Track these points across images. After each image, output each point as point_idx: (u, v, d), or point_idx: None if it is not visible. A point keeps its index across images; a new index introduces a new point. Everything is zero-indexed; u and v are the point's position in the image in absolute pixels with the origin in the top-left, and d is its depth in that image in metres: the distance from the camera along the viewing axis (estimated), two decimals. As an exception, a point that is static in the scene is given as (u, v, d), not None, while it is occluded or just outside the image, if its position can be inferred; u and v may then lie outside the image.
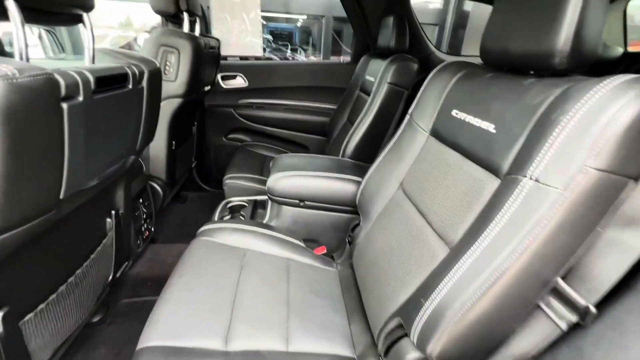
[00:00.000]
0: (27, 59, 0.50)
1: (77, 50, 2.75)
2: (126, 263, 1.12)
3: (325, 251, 1.13)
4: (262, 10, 2.05)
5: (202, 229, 1.03)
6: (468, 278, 0.48)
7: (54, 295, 0.71)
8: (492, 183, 0.56)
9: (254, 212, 1.35)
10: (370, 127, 1.35)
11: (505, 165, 0.54)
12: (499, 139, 0.56)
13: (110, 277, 1.01)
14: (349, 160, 1.36)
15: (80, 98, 0.53)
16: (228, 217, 1.28)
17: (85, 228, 0.80)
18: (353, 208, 1.14)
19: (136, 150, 0.82)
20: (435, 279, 0.55)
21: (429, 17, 6.22)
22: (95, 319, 1.12)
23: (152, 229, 1.38)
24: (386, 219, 0.87)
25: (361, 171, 1.20)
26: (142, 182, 1.24)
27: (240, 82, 1.97)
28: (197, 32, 1.50)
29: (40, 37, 1.99)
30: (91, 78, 0.55)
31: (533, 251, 0.43)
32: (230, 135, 2.08)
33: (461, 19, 5.94)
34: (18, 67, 0.41)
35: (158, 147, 1.33)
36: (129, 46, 4.38)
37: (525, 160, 0.48)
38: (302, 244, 1.06)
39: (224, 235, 1.00)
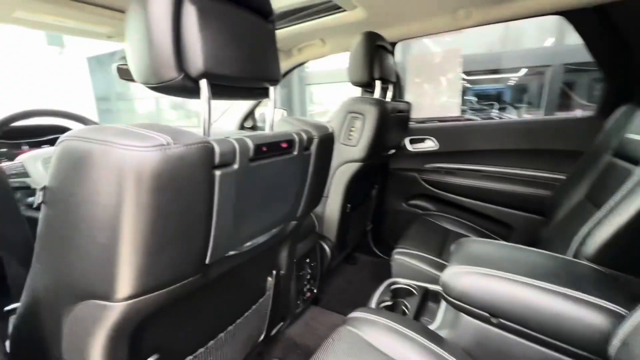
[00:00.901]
0: (208, 133, 0.54)
1: (303, 114, 3.51)
2: (282, 323, 1.10)
3: (532, 417, 0.68)
4: (468, 72, 1.85)
5: (354, 314, 0.86)
6: None
7: (202, 349, 0.72)
8: None
9: (423, 306, 1.06)
10: (639, 215, 0.80)
11: None
12: None
13: (263, 336, 1.00)
14: (589, 265, 0.84)
15: (236, 166, 0.52)
16: (389, 303, 1.06)
17: (242, 286, 0.82)
18: (596, 357, 0.65)
19: (297, 216, 0.79)
20: None
21: None
22: (246, 372, 1.13)
23: (315, 291, 1.35)
24: None
25: (616, 290, 0.70)
26: (312, 241, 1.25)
27: (429, 145, 1.80)
28: (388, 98, 1.49)
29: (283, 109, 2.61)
30: (250, 145, 0.54)
31: None
32: (412, 201, 1.89)
33: None
34: (175, 137, 0.42)
35: (332, 208, 1.33)
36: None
37: None
38: (488, 387, 0.68)
39: (375, 333, 0.78)
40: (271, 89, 0.67)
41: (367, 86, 1.38)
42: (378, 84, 1.36)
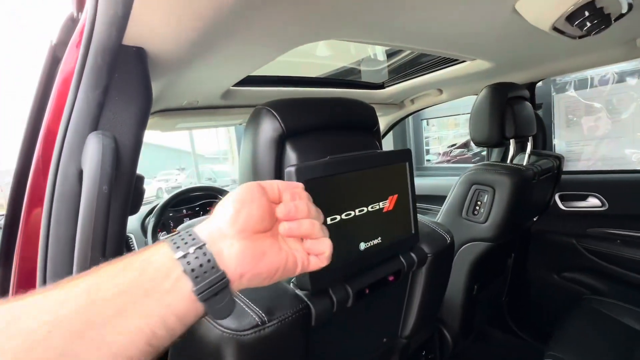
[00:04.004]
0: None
1: (419, 154, 3.27)
2: None
3: None
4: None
5: None
6: None
7: None
8: None
9: None
10: None
11: None
12: None
13: None
14: None
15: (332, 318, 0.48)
16: None
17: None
18: None
19: (402, 336, 0.69)
20: None
21: None
22: None
23: (433, 385, 1.16)
24: None
25: None
26: (429, 329, 1.09)
27: (593, 203, 1.37)
28: (527, 153, 1.22)
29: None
30: (351, 293, 0.49)
31: None
32: (567, 274, 1.46)
33: None
34: (272, 308, 0.41)
35: (453, 292, 1.13)
36: (466, 143, 4.71)
37: None
38: None
39: None
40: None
41: (497, 146, 1.16)
42: (512, 142, 1.12)
